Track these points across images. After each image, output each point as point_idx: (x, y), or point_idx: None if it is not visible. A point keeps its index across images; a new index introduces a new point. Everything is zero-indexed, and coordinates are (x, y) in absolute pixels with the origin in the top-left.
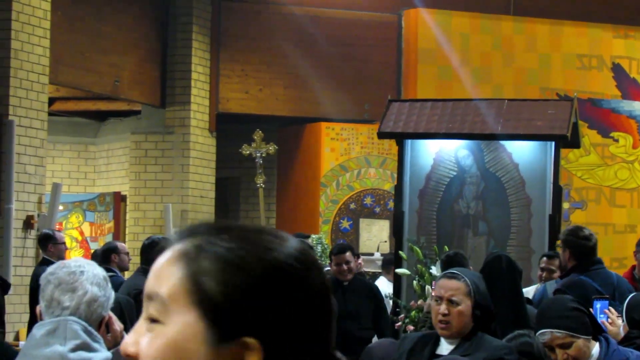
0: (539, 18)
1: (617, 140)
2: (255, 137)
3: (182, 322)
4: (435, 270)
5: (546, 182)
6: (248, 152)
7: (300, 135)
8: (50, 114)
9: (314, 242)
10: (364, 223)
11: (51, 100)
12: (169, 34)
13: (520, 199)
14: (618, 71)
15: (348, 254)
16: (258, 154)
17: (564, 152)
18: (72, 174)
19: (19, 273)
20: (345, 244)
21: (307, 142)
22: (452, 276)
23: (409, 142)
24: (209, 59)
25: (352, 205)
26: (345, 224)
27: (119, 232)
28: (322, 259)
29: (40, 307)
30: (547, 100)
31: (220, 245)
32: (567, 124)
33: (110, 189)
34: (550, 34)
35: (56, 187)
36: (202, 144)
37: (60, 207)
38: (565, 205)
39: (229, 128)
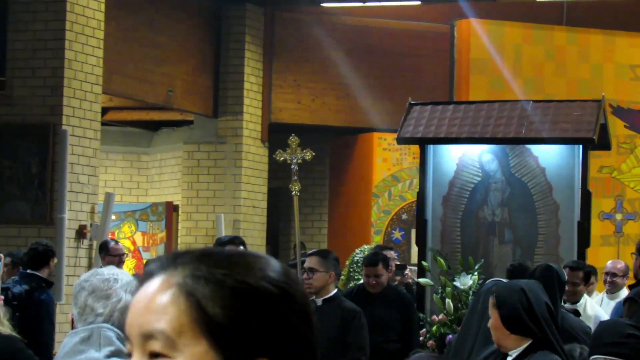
0: (592, 28)
1: None
2: (290, 143)
3: (193, 354)
4: (458, 282)
5: (574, 187)
6: (282, 158)
7: (352, 145)
8: (103, 123)
9: (366, 253)
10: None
11: (104, 110)
12: (222, 44)
13: (548, 205)
14: None
15: (379, 268)
16: (294, 160)
17: (616, 163)
18: (125, 183)
19: (72, 282)
20: (378, 255)
21: (359, 152)
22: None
23: (430, 147)
24: (261, 69)
25: (404, 216)
26: (397, 234)
27: (171, 242)
28: None
29: (73, 314)
30: (573, 101)
31: (215, 271)
32: (594, 125)
33: (162, 199)
34: (603, 44)
35: (109, 197)
36: (254, 154)
37: (113, 217)
38: (618, 217)
39: (281, 138)
